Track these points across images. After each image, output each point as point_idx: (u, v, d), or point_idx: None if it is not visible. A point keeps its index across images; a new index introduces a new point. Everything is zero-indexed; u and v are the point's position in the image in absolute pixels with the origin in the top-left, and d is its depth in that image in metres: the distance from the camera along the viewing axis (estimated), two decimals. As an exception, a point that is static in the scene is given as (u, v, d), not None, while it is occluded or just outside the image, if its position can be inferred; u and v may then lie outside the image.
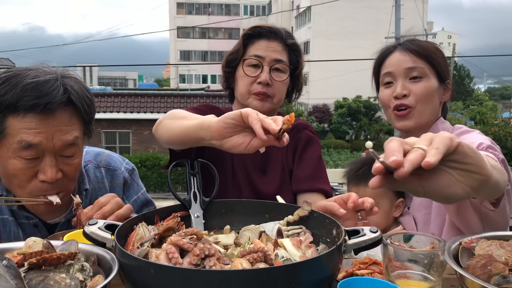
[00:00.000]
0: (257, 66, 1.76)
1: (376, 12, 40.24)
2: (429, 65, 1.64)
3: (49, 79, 1.30)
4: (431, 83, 1.63)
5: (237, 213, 1.28)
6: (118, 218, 1.29)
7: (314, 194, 1.76)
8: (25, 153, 1.29)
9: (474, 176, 0.83)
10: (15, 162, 1.30)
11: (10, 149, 1.30)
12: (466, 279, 0.96)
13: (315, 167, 1.84)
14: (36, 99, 1.26)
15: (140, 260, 0.91)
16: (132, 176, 1.71)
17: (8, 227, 1.45)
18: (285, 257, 1.03)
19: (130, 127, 20.49)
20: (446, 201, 0.90)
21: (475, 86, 48.65)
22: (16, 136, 1.28)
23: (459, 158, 0.83)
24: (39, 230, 1.47)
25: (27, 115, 1.27)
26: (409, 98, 1.62)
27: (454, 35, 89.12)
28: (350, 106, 28.49)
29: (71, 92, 1.33)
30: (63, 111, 1.32)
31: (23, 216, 1.46)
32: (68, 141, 1.33)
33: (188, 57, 57.71)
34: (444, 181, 0.83)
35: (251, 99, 1.77)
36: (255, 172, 1.82)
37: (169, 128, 1.41)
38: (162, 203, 1.68)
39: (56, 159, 1.34)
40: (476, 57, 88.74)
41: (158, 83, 64.43)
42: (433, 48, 1.68)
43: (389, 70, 1.68)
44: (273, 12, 52.87)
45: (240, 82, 1.80)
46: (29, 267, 0.91)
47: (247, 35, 1.81)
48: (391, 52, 1.70)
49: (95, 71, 58.09)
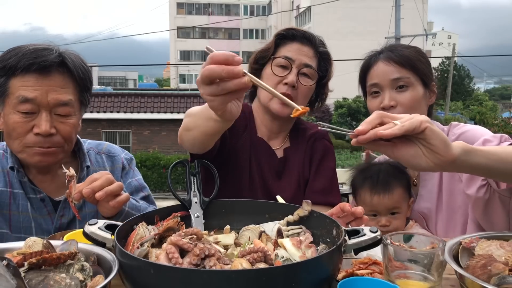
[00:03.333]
0: (285, 67, 1.74)
1: (376, 12, 40.28)
2: (414, 74, 1.67)
3: (47, 47, 1.50)
4: (417, 91, 1.67)
5: (237, 213, 1.28)
6: (107, 194, 1.32)
7: (326, 207, 1.76)
8: (22, 107, 1.45)
9: (436, 155, 1.04)
10: (14, 117, 1.47)
11: (11, 105, 1.47)
12: (466, 279, 0.96)
13: (330, 180, 1.86)
14: (33, 60, 1.45)
15: (140, 260, 0.91)
16: (130, 165, 1.79)
17: (18, 200, 1.57)
18: (285, 257, 1.03)
19: (130, 127, 20.49)
20: (411, 168, 1.15)
21: (475, 86, 48.62)
22: (16, 92, 1.46)
23: (426, 138, 1.03)
24: (45, 205, 1.58)
25: (25, 74, 1.45)
26: (397, 108, 1.66)
27: (454, 35, 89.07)
28: (350, 106, 28.47)
29: (66, 57, 1.51)
30: (58, 73, 1.49)
31: (31, 190, 1.58)
32: (61, 100, 1.49)
33: (188, 57, 57.74)
34: (412, 152, 1.06)
35: (273, 101, 1.75)
36: (271, 175, 1.82)
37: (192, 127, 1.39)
38: (162, 203, 1.68)
39: (51, 116, 1.49)
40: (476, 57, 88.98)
41: (158, 83, 64.37)
42: (416, 54, 1.70)
43: (375, 81, 1.71)
44: (273, 12, 52.88)
45: (266, 81, 1.76)
46: (29, 267, 0.91)
47: (280, 35, 1.79)
48: (375, 61, 1.72)
49: (95, 71, 58.02)
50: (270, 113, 1.80)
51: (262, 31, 59.35)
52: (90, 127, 19.66)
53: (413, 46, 1.79)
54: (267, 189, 1.78)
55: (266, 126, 1.86)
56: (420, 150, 1.05)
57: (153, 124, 20.54)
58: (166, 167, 17.04)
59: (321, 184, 1.82)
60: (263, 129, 1.86)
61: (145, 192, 1.76)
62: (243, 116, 1.83)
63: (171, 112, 20.44)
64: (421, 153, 1.05)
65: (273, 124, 1.85)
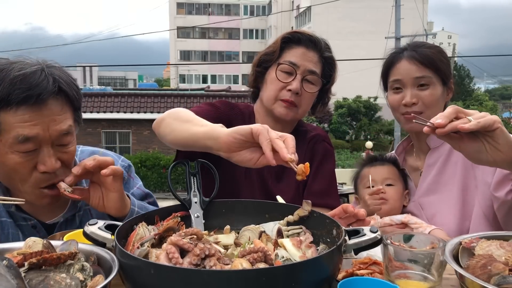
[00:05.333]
0: (290, 73, 1.74)
1: (376, 12, 40.27)
2: (435, 73, 1.74)
3: (35, 70, 1.29)
4: (436, 89, 1.74)
5: (237, 213, 1.28)
6: (99, 162, 1.33)
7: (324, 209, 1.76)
8: (23, 147, 1.28)
9: (498, 153, 1.14)
10: (14, 157, 1.29)
11: (6, 144, 1.28)
12: (466, 279, 0.96)
13: (329, 182, 1.86)
14: (27, 91, 1.25)
15: (140, 260, 0.91)
16: (129, 173, 1.70)
17: (6, 229, 1.44)
18: (285, 257, 1.03)
19: (130, 127, 20.50)
20: (471, 160, 1.22)
21: (475, 86, 48.58)
22: (12, 131, 1.26)
23: (494, 137, 1.13)
24: (37, 231, 1.46)
25: (19, 108, 1.25)
26: (418, 105, 1.74)
27: (454, 35, 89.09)
28: (350, 106, 28.47)
29: (60, 81, 1.33)
30: (55, 101, 1.31)
31: (21, 218, 1.45)
32: (63, 130, 1.33)
33: (188, 57, 57.73)
34: (476, 147, 1.16)
35: (277, 105, 1.75)
36: (271, 177, 1.81)
37: (173, 129, 1.40)
38: (162, 203, 1.68)
39: (54, 148, 1.34)
40: (476, 57, 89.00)
41: (158, 83, 64.36)
42: (438, 55, 1.76)
43: (397, 77, 1.77)
44: (273, 12, 52.86)
45: (269, 85, 1.76)
46: (29, 267, 0.91)
47: (286, 39, 1.77)
48: (399, 58, 1.78)
49: (95, 71, 58.06)
50: (273, 116, 1.79)
51: (262, 31, 59.35)
52: (90, 127, 19.68)
53: (436, 45, 1.85)
54: (267, 191, 1.78)
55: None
56: (484, 146, 1.15)
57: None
58: (166, 167, 17.04)
59: (319, 186, 1.82)
60: None
61: (150, 199, 1.71)
62: (243, 116, 1.83)
63: (171, 112, 20.43)
64: (484, 149, 1.15)
65: (275, 126, 1.83)
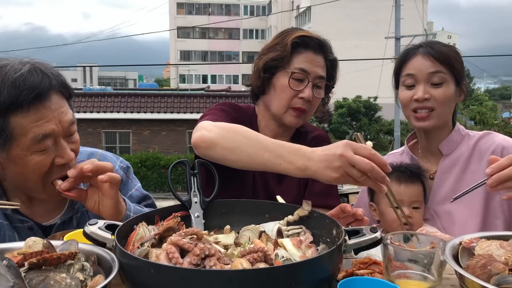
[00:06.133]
0: (301, 80, 1.73)
1: (376, 12, 40.26)
2: (449, 71, 1.72)
3: (29, 69, 1.29)
4: (450, 88, 1.72)
5: (237, 213, 1.29)
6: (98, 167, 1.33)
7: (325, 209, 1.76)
8: (42, 145, 1.28)
9: None
10: (33, 158, 1.29)
11: (24, 148, 1.27)
12: (466, 279, 0.96)
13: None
14: (34, 91, 1.26)
15: (140, 260, 0.91)
16: (127, 174, 1.69)
17: (2, 231, 1.43)
18: (285, 257, 1.03)
19: (130, 127, 20.51)
20: None
21: (475, 86, 48.62)
22: (28, 133, 1.26)
23: None
24: (34, 233, 1.44)
25: (30, 109, 1.26)
26: (430, 101, 1.71)
27: (454, 35, 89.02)
28: (350, 106, 28.46)
29: (52, 75, 1.34)
30: (56, 94, 1.33)
31: (17, 220, 1.44)
32: (70, 120, 1.36)
33: (188, 57, 57.72)
34: None
35: (287, 114, 1.74)
36: (272, 178, 1.81)
37: (242, 150, 1.32)
38: (162, 203, 1.68)
39: (66, 140, 1.36)
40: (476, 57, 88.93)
41: (158, 83, 64.30)
42: (453, 53, 1.75)
43: (411, 72, 1.75)
44: (273, 12, 52.86)
45: (280, 93, 1.73)
46: (29, 267, 0.91)
47: (295, 44, 1.74)
48: (414, 54, 1.77)
49: (95, 71, 58.10)
50: (278, 121, 1.79)
51: (262, 31, 59.33)
52: (90, 127, 19.68)
53: (451, 45, 1.84)
54: (269, 192, 1.78)
55: (271, 130, 1.84)
56: None
57: (153, 124, 20.56)
58: (166, 167, 17.05)
59: (320, 186, 1.81)
60: (266, 132, 1.84)
61: (148, 201, 1.70)
62: (244, 118, 1.82)
63: (171, 112, 20.46)
64: None
65: (279, 130, 1.84)
